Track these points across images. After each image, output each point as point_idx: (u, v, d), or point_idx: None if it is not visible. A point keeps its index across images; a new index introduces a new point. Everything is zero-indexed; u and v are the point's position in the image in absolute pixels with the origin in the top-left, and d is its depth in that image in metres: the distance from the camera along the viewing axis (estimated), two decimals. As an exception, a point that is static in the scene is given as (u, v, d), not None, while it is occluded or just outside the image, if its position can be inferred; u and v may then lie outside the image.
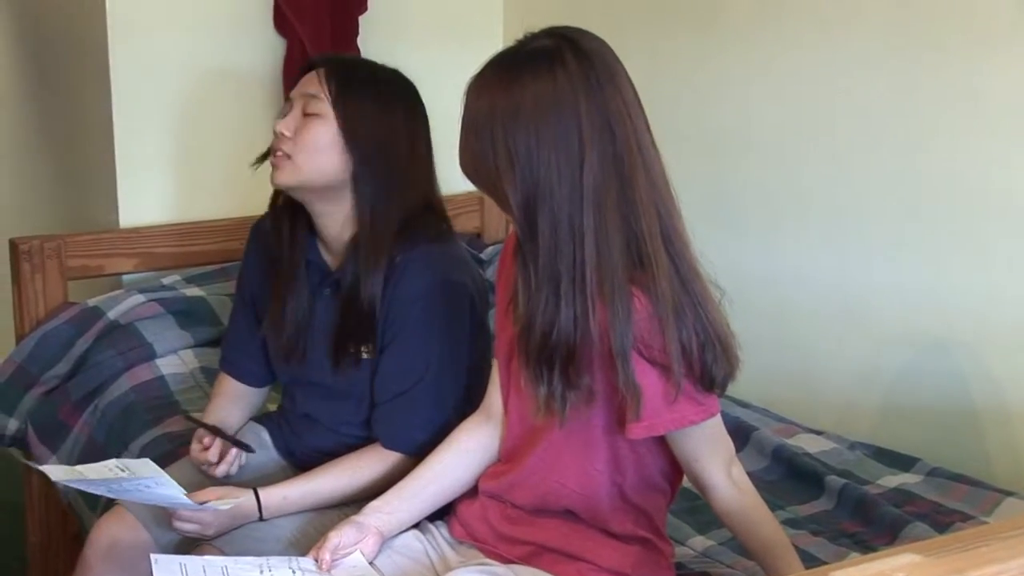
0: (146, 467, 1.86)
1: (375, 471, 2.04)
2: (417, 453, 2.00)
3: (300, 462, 2.16)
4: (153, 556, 1.82)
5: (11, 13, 3.60)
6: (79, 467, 1.99)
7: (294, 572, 1.78)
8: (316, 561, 1.79)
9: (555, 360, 1.63)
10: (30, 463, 1.89)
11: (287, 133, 2.05)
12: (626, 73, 1.65)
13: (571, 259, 1.60)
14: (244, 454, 2.13)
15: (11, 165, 3.73)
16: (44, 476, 2.66)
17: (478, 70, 1.67)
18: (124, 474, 1.88)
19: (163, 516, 2.03)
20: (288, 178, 2.06)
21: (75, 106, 3.22)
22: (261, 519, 1.99)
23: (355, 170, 2.05)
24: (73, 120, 3.27)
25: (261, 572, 1.78)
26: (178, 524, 1.98)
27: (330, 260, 2.14)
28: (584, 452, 1.73)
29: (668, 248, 1.62)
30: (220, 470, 2.09)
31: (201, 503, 1.91)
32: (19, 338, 2.83)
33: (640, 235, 1.61)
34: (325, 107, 2.05)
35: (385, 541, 1.85)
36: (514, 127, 1.60)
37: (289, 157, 2.04)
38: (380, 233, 2.05)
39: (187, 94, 3.05)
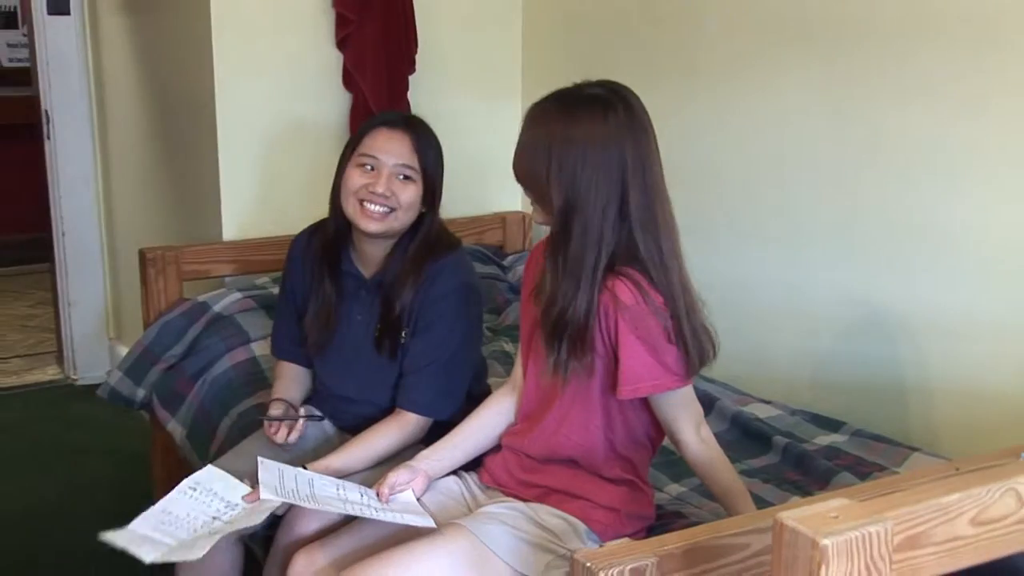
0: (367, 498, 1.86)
1: (392, 436, 2.03)
2: (429, 415, 2.05)
3: (350, 428, 2.16)
4: (260, 459, 1.86)
5: (144, 79, 3.63)
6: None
7: (362, 495, 1.84)
8: (378, 495, 1.86)
9: (565, 334, 1.67)
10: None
11: (387, 193, 2.02)
12: (652, 126, 1.71)
13: (593, 260, 1.64)
14: (308, 422, 2.14)
15: (142, 192, 3.73)
16: (170, 437, 2.69)
17: (540, 102, 1.69)
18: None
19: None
20: (386, 228, 2.04)
21: (190, 147, 3.24)
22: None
23: (424, 214, 2.08)
24: (188, 158, 3.28)
25: (338, 490, 1.84)
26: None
27: (363, 270, 2.14)
28: (585, 413, 1.77)
29: (678, 263, 1.69)
30: (292, 437, 2.08)
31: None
32: (146, 325, 2.89)
33: (659, 251, 1.66)
34: (416, 174, 2.04)
35: (431, 483, 1.90)
36: (567, 151, 1.63)
37: (392, 211, 2.03)
38: (423, 254, 2.07)
39: (275, 137, 3.08)
